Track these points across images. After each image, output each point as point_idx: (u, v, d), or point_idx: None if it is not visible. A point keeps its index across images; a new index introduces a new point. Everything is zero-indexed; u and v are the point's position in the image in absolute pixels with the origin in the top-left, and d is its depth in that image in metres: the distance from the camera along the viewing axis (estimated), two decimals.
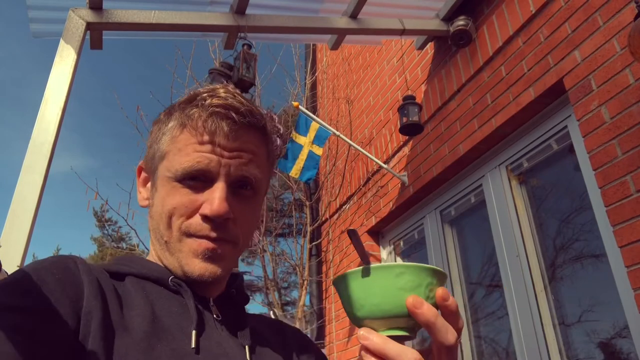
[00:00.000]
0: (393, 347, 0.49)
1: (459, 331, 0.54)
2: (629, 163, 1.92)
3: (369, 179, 3.98)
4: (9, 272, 1.39)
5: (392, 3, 2.95)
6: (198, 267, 0.66)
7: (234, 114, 0.67)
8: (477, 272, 2.95)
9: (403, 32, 3.00)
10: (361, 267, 0.53)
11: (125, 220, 5.73)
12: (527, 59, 2.51)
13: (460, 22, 2.87)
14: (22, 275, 0.54)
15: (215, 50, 5.58)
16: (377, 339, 0.50)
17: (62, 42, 2.23)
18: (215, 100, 0.68)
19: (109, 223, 20.33)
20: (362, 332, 0.52)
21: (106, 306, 0.57)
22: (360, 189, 4.10)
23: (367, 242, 3.83)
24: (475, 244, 3.00)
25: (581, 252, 2.30)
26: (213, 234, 0.66)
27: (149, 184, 0.75)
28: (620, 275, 1.98)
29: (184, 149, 0.68)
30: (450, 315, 0.53)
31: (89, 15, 2.34)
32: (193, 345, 0.60)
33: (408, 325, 0.52)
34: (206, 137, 0.67)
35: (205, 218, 0.66)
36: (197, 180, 0.67)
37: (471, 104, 2.87)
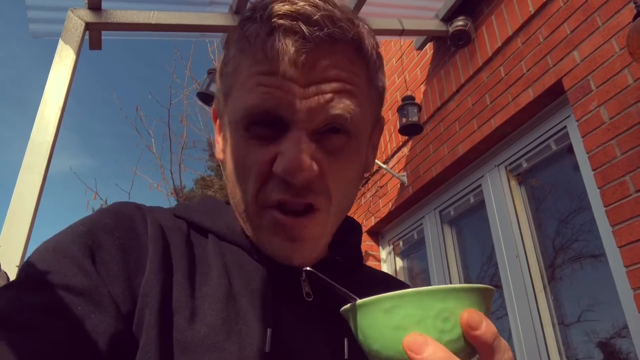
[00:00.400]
0: None
1: None
2: (628, 163, 1.93)
3: (368, 179, 3.98)
4: (9, 273, 1.39)
5: (392, 3, 2.95)
6: (281, 248, 0.52)
7: (303, 26, 0.47)
8: (476, 272, 2.95)
9: (402, 32, 3.00)
10: (348, 306, 0.40)
11: None
12: (526, 60, 2.51)
13: (459, 22, 2.88)
14: (77, 235, 0.46)
15: (215, 50, 5.59)
16: None
17: (61, 42, 2.23)
18: (278, 7, 0.48)
19: None
20: None
21: (170, 285, 0.47)
22: (360, 189, 4.10)
23: (367, 242, 3.83)
24: (475, 244, 3.01)
25: (580, 252, 2.30)
26: (294, 200, 0.50)
27: (223, 134, 0.59)
28: (619, 275, 1.99)
29: (246, 82, 0.50)
30: (486, 351, 0.36)
31: (88, 16, 2.34)
32: (267, 349, 0.48)
33: None
34: (267, 66, 0.49)
35: (282, 180, 0.49)
36: (267, 126, 0.50)
37: (470, 104, 2.87)
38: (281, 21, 0.47)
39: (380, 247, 3.85)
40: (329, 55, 0.49)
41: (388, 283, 0.67)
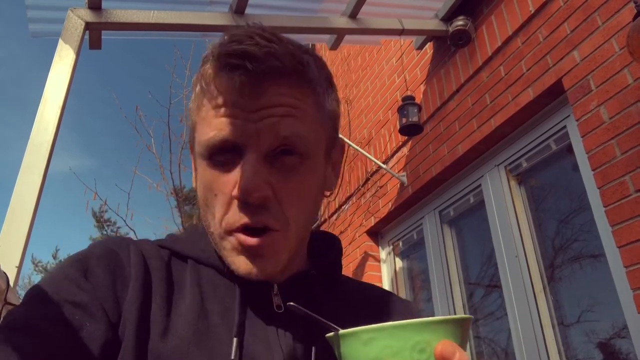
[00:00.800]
0: None
1: None
2: (628, 163, 1.93)
3: (368, 179, 3.98)
4: (8, 273, 1.39)
5: (391, 3, 2.95)
6: (243, 265, 0.56)
7: (248, 63, 0.52)
8: (476, 273, 2.95)
9: (402, 32, 3.00)
10: (331, 334, 0.42)
11: (124, 221, 5.74)
12: (526, 59, 2.51)
13: (459, 22, 2.88)
14: (73, 262, 0.55)
15: None
16: None
17: (61, 42, 2.23)
18: (227, 48, 0.54)
19: (107, 224, 20.32)
20: None
21: (149, 304, 0.54)
22: (359, 189, 4.10)
23: (366, 243, 3.83)
24: (474, 245, 3.01)
25: (580, 252, 2.30)
26: (253, 221, 0.54)
27: (194, 166, 0.65)
28: (619, 276, 1.98)
29: (206, 117, 0.56)
30: None
31: (88, 15, 2.34)
32: (232, 356, 0.53)
33: None
34: (220, 99, 0.54)
35: (242, 203, 0.54)
36: (228, 152, 0.55)
37: (470, 104, 2.87)
38: (229, 60, 0.53)
39: (379, 247, 3.85)
40: (273, 85, 0.54)
41: (383, 301, 0.70)
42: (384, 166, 3.50)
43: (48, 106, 2.09)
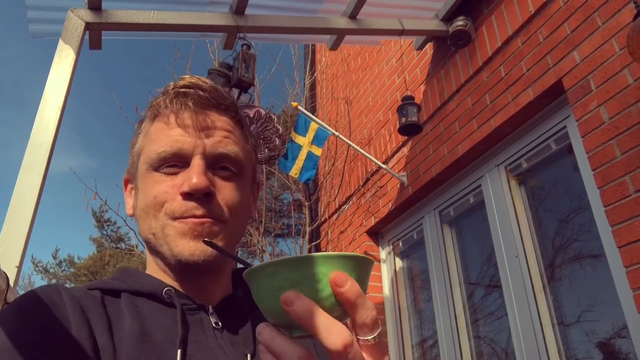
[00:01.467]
0: (279, 343, 0.44)
1: (365, 327, 0.44)
2: (628, 163, 1.93)
3: (368, 179, 3.98)
4: (8, 273, 1.39)
5: (391, 3, 2.95)
6: (187, 246, 0.63)
7: (199, 91, 0.67)
8: (476, 273, 2.95)
9: (402, 32, 3.00)
10: (245, 272, 0.47)
11: (124, 221, 5.74)
12: (526, 59, 2.51)
13: (459, 22, 2.88)
14: (17, 322, 0.55)
15: (215, 50, 5.59)
16: (266, 333, 0.45)
17: (61, 42, 2.23)
18: (177, 83, 0.68)
19: (107, 223, 20.33)
20: (258, 327, 0.47)
21: (92, 335, 0.57)
22: (360, 189, 4.10)
23: (366, 243, 3.83)
24: (474, 245, 3.01)
25: (580, 252, 2.30)
26: (198, 212, 0.63)
27: (133, 191, 0.73)
28: (619, 276, 1.99)
29: (156, 137, 0.67)
30: (350, 306, 0.43)
31: (88, 16, 2.34)
32: None
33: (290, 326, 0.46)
34: (173, 119, 0.66)
35: (185, 195, 0.64)
36: (173, 166, 0.66)
37: (470, 104, 2.87)
38: (181, 89, 0.67)
39: (379, 247, 3.85)
40: (215, 113, 0.69)
41: None
42: (384, 166, 3.50)
43: (48, 106, 2.09)
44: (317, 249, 4.84)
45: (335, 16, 2.87)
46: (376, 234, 3.88)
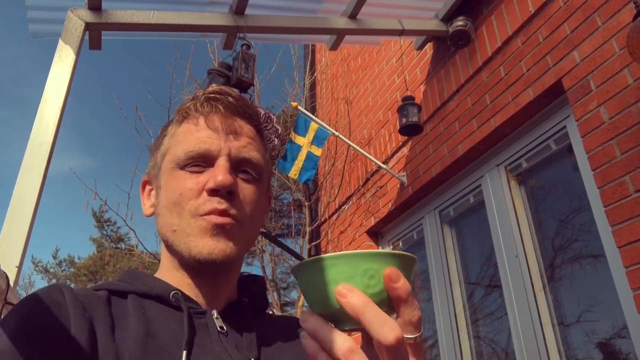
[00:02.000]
0: (326, 332, 0.45)
1: (411, 325, 0.46)
2: (628, 163, 1.93)
3: (368, 180, 3.98)
4: (8, 273, 1.39)
5: (391, 3, 2.95)
6: (207, 245, 0.65)
7: (229, 97, 0.71)
8: (476, 273, 2.95)
9: (402, 32, 3.00)
10: (297, 264, 0.48)
11: (124, 221, 5.74)
12: (526, 59, 2.51)
13: (459, 22, 2.88)
14: (19, 321, 0.55)
15: (214, 50, 5.59)
16: (312, 321, 0.46)
17: (60, 42, 2.23)
18: (207, 90, 0.72)
19: (107, 224, 20.33)
20: (302, 315, 0.48)
21: (92, 334, 0.57)
22: (359, 189, 4.10)
23: (366, 243, 3.83)
24: (474, 244, 3.01)
25: (580, 252, 2.30)
26: (221, 206, 0.65)
27: (153, 192, 0.75)
28: (619, 276, 1.99)
29: (184, 138, 0.70)
30: (400, 303, 0.45)
31: (88, 16, 2.34)
32: None
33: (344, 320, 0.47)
34: (202, 121, 0.70)
35: (211, 192, 0.66)
36: (199, 165, 0.68)
37: (470, 104, 2.87)
38: (211, 95, 0.71)
39: (379, 247, 3.85)
40: (241, 120, 0.72)
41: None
42: (384, 166, 3.50)
43: (48, 106, 2.09)
44: (317, 249, 4.84)
45: (335, 16, 2.87)
46: (376, 234, 3.88)
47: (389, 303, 0.46)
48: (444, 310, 2.99)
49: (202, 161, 0.68)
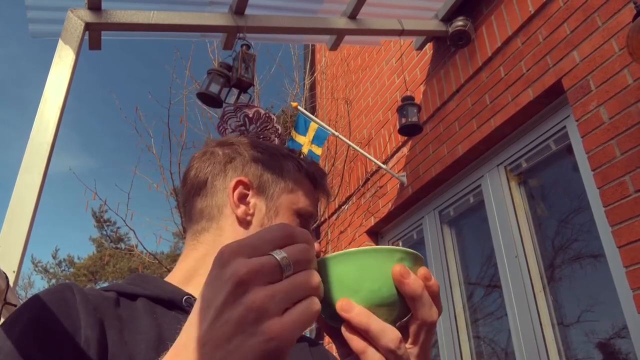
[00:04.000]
0: (376, 323, 0.44)
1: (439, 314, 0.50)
2: (628, 163, 1.93)
3: (367, 180, 3.98)
4: (8, 273, 1.39)
5: (391, 3, 2.95)
6: None
7: (327, 196, 0.87)
8: (476, 273, 2.95)
9: (402, 32, 3.00)
10: (361, 248, 0.48)
11: (124, 221, 5.73)
12: (526, 60, 2.51)
13: (459, 22, 2.88)
14: (28, 322, 0.55)
15: (214, 50, 5.59)
16: (361, 311, 0.44)
17: (60, 42, 2.23)
18: (321, 168, 0.87)
19: (107, 224, 20.32)
20: (342, 302, 0.45)
21: (103, 335, 0.57)
22: (359, 189, 4.10)
23: (366, 243, 3.83)
24: (474, 245, 3.01)
25: (580, 252, 2.30)
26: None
27: (252, 200, 0.77)
28: (618, 276, 1.98)
29: (309, 196, 0.81)
30: (434, 296, 0.48)
31: (88, 16, 2.34)
32: None
33: (395, 315, 0.48)
34: (318, 192, 0.84)
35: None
36: (304, 220, 0.79)
37: (470, 104, 2.87)
38: (322, 174, 0.85)
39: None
40: None
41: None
42: (383, 166, 3.50)
43: (48, 106, 2.09)
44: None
45: (335, 16, 2.87)
46: (376, 234, 3.88)
47: (400, 303, 0.47)
48: (444, 311, 2.99)
49: (307, 219, 0.80)
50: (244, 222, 0.74)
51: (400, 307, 0.48)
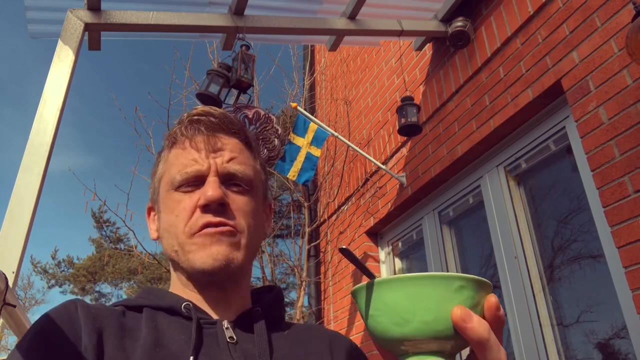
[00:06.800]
0: (477, 319, 0.44)
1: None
2: (627, 164, 1.93)
3: (367, 180, 3.98)
4: (7, 274, 1.39)
5: (391, 4, 2.96)
6: (209, 253, 0.67)
7: (210, 117, 0.75)
8: (475, 273, 2.93)
9: (401, 33, 3.00)
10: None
11: (124, 221, 5.72)
12: (525, 60, 2.51)
13: (458, 23, 2.88)
14: (34, 335, 0.60)
15: (214, 51, 5.58)
16: (462, 310, 0.44)
17: (60, 43, 2.23)
18: (191, 113, 0.76)
19: (107, 224, 20.30)
20: (456, 308, 0.44)
21: (101, 342, 0.61)
22: (359, 189, 4.10)
23: (366, 243, 3.83)
24: (474, 245, 3.01)
25: (579, 252, 2.30)
26: (214, 219, 0.68)
27: (156, 216, 0.78)
28: (618, 276, 1.99)
29: (175, 161, 0.74)
30: (500, 329, 0.46)
31: (87, 16, 2.34)
32: None
33: (451, 348, 0.44)
34: (188, 144, 0.74)
35: (203, 208, 0.69)
36: (191, 185, 0.72)
37: (469, 104, 2.87)
38: (195, 117, 0.75)
39: (379, 247, 3.85)
40: (225, 137, 0.75)
41: (331, 338, 0.79)
42: (383, 167, 3.50)
43: (47, 107, 2.09)
44: (317, 249, 4.84)
45: (335, 17, 2.87)
46: (375, 234, 3.88)
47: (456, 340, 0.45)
48: None
49: (193, 182, 0.71)
50: (159, 237, 0.76)
51: (458, 340, 0.44)
